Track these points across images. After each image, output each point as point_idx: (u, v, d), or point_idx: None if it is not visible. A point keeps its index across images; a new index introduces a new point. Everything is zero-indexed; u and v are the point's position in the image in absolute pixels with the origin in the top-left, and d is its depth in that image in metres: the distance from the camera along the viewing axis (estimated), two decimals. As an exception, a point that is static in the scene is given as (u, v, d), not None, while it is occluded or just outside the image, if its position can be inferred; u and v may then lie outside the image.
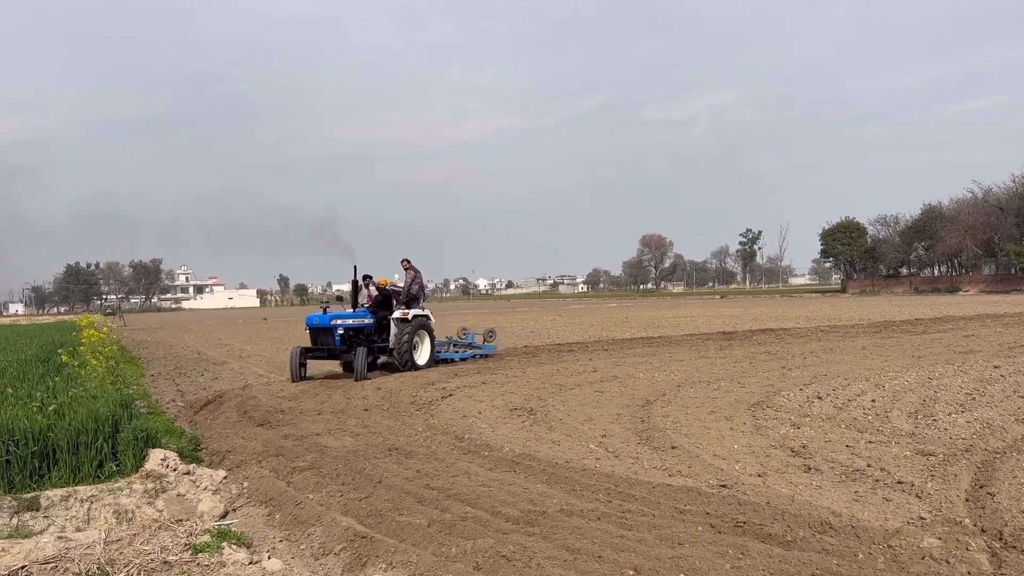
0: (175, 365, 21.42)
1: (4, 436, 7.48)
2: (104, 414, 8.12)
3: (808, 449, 8.13)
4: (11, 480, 7.40)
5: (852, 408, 10.47)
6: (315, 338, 16.95)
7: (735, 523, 5.65)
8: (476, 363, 18.26)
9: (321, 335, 16.83)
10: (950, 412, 9.88)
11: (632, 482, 7.01)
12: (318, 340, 16.87)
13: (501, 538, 5.35)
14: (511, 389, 13.59)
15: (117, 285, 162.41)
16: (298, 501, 6.74)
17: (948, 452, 7.70)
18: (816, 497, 6.39)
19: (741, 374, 14.61)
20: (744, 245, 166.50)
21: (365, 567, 5.17)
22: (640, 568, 4.73)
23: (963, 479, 6.75)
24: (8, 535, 6.15)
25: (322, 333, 16.80)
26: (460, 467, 7.84)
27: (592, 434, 9.40)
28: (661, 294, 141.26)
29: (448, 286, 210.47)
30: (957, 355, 16.79)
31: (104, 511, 6.82)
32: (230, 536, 5.87)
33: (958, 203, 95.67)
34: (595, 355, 19.52)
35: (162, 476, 7.49)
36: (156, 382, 17.15)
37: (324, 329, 16.75)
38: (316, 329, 16.92)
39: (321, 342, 16.82)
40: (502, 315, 52.27)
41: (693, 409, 10.83)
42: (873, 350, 18.63)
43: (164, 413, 11.71)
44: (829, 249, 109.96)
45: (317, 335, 16.92)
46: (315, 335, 16.97)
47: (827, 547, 5.11)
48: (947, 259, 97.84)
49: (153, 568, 5.13)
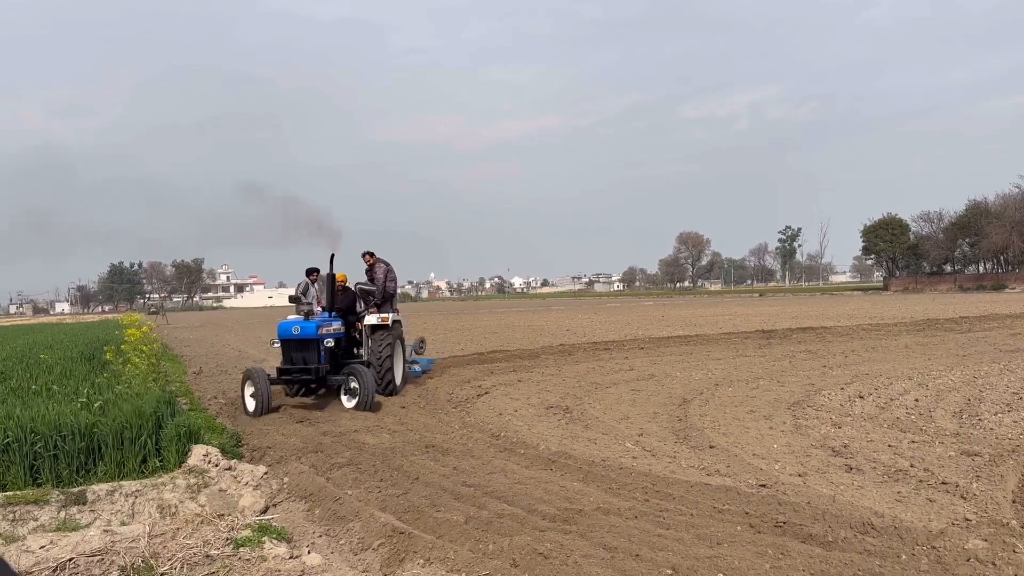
0: (216, 363, 21.74)
1: (52, 432, 7.67)
2: (148, 410, 8.29)
3: (849, 449, 8.01)
4: (59, 474, 7.60)
5: (894, 407, 10.29)
6: (290, 354, 12.30)
7: (775, 523, 5.59)
8: (512, 362, 18.23)
9: (301, 350, 12.22)
10: (996, 412, 9.67)
11: (670, 481, 6.96)
12: (295, 357, 12.25)
13: (538, 536, 5.35)
14: (547, 387, 13.58)
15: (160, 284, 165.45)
16: (337, 497, 6.80)
17: (994, 452, 7.54)
18: (858, 497, 6.30)
19: (780, 373, 14.44)
20: (783, 242, 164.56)
21: (403, 562, 5.21)
22: (678, 567, 4.70)
23: (1010, 480, 6.61)
24: (56, 528, 6.31)
25: (303, 347, 12.21)
26: (496, 464, 7.85)
27: (629, 433, 9.36)
28: (698, 292, 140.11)
29: (484, 284, 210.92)
30: (1003, 354, 16.42)
31: (148, 505, 6.96)
32: (270, 531, 5.96)
33: (1004, 199, 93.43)
34: (631, 354, 19.42)
35: (204, 471, 7.62)
36: (198, 379, 17.42)
37: (306, 342, 12.18)
38: (296, 342, 12.20)
39: (302, 359, 12.21)
40: (537, 313, 52.24)
41: (731, 408, 10.73)
42: (916, 349, 18.29)
43: (206, 410, 11.89)
44: (871, 246, 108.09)
45: (295, 350, 12.26)
46: (292, 350, 12.28)
47: (869, 548, 5.03)
48: (993, 256, 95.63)
49: (196, 562, 5.22)
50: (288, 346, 12.27)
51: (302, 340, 12.17)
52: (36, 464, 7.60)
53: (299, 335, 12.14)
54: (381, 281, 13.81)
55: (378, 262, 13.97)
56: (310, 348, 12.17)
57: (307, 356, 12.19)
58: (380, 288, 13.78)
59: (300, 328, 12.17)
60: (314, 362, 12.14)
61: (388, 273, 13.95)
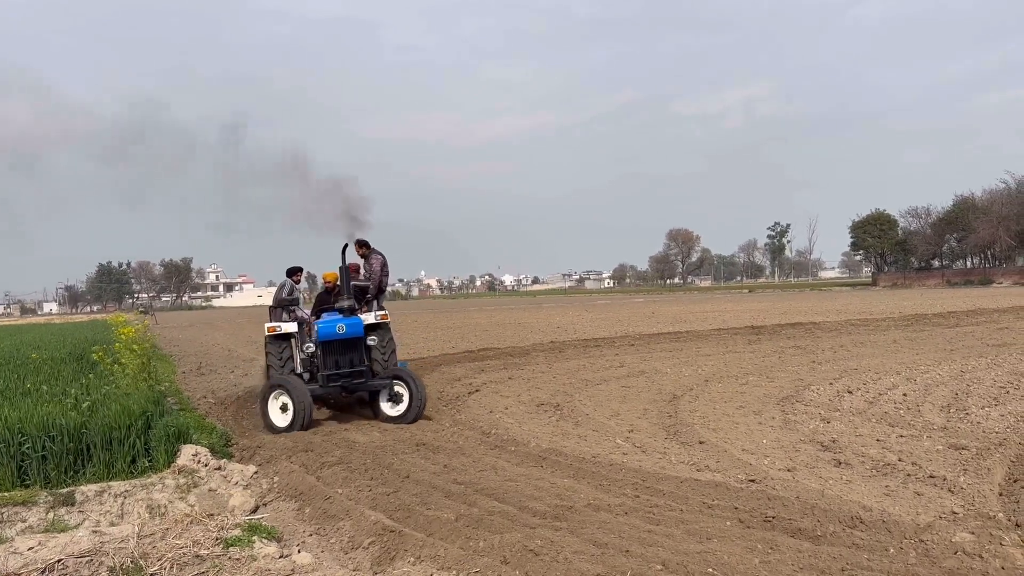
0: (206, 362, 21.68)
1: (40, 432, 7.64)
2: (136, 410, 8.26)
3: (838, 443, 8.05)
4: (47, 475, 7.57)
5: (883, 402, 10.35)
6: (334, 357, 10.87)
7: (764, 518, 5.62)
8: (502, 360, 18.24)
9: (348, 351, 10.97)
10: (983, 406, 9.74)
11: (660, 477, 6.99)
12: (342, 360, 10.90)
13: (529, 532, 5.36)
14: (537, 385, 13.59)
15: (148, 284, 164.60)
16: (327, 496, 6.79)
17: (981, 446, 7.59)
18: (846, 492, 6.34)
19: (770, 369, 14.49)
20: (773, 239, 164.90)
21: (394, 561, 5.21)
22: (668, 563, 4.71)
23: (996, 473, 6.66)
24: (45, 529, 6.28)
25: (350, 348, 10.98)
26: (487, 462, 7.86)
27: (619, 429, 9.38)
28: (688, 289, 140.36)
29: (474, 282, 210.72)
30: (990, 348, 16.53)
31: (137, 506, 6.94)
32: (261, 530, 5.94)
33: (991, 194, 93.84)
34: (621, 350, 19.46)
35: (194, 471, 7.60)
36: (187, 379, 17.37)
37: (354, 342, 11.01)
38: (341, 342, 10.87)
39: (349, 361, 10.94)
40: (528, 311, 52.27)
41: (721, 404, 10.76)
42: (904, 344, 18.39)
43: (195, 409, 11.86)
44: (859, 242, 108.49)
45: (341, 351, 10.91)
46: (338, 351, 10.90)
47: (858, 542, 5.06)
48: (980, 251, 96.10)
49: (185, 562, 5.20)
50: (331, 348, 10.84)
51: (349, 340, 10.91)
52: (24, 465, 7.58)
53: (345, 334, 10.78)
54: (377, 274, 12.56)
55: (373, 253, 12.58)
56: (357, 348, 11.06)
57: (354, 357, 11.02)
58: (376, 280, 12.54)
59: (346, 326, 10.77)
60: (360, 364, 11.05)
61: (384, 266, 12.71)
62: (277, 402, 10.32)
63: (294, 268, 13.27)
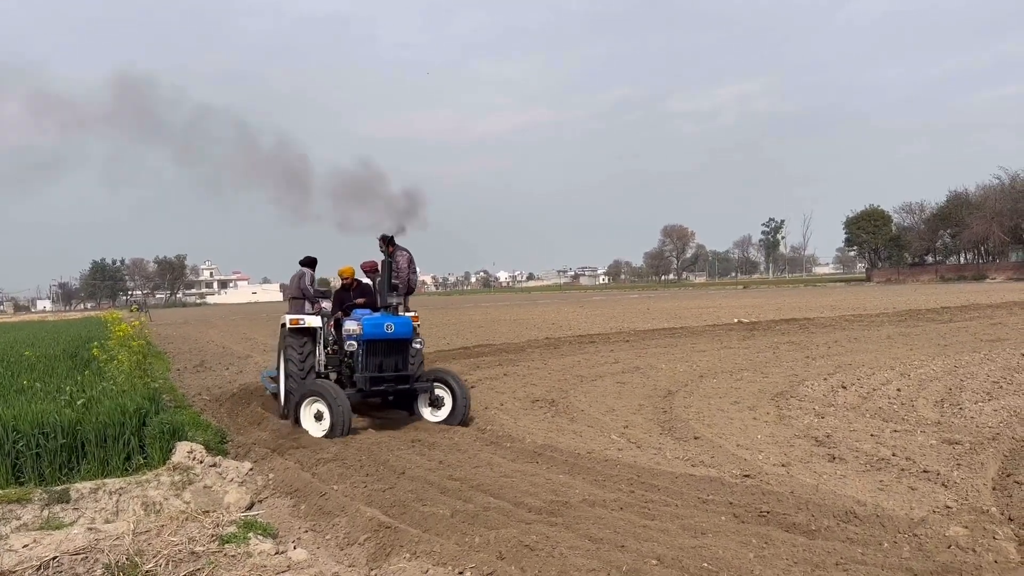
0: (200, 359, 21.63)
1: (34, 430, 7.63)
2: (131, 408, 8.25)
3: (832, 439, 8.08)
4: (41, 473, 7.56)
5: (877, 397, 10.38)
6: (379, 359, 9.84)
7: (759, 513, 5.63)
8: (498, 356, 18.22)
9: (395, 353, 9.98)
10: (977, 400, 9.78)
11: (655, 472, 7.00)
12: (386, 363, 9.90)
13: (524, 528, 5.36)
14: (532, 381, 13.61)
15: (142, 281, 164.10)
16: (323, 492, 6.80)
17: (975, 441, 7.62)
18: (840, 486, 6.36)
19: (764, 364, 14.53)
20: (767, 235, 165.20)
21: (389, 557, 5.21)
22: (663, 558, 4.73)
23: (990, 468, 6.69)
24: (39, 527, 6.27)
25: (397, 349, 10.00)
26: (482, 458, 7.87)
27: (614, 425, 9.40)
28: (683, 285, 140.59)
29: (469, 279, 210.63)
30: (984, 343, 16.59)
31: (132, 503, 6.93)
32: (256, 527, 5.94)
33: (985, 189, 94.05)
34: (616, 346, 19.48)
35: (189, 468, 7.59)
36: (182, 376, 17.34)
37: (402, 343, 10.02)
38: (387, 343, 9.85)
39: (394, 364, 9.95)
40: (523, 307, 52.27)
41: (716, 399, 10.79)
42: (898, 339, 18.44)
43: (190, 406, 11.83)
44: (853, 238, 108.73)
45: (386, 353, 9.90)
46: (383, 353, 9.87)
47: (852, 536, 5.08)
48: (973, 247, 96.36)
49: (181, 559, 5.20)
50: (375, 348, 9.77)
51: (396, 341, 9.91)
52: (19, 463, 7.57)
53: (394, 334, 9.80)
54: (405, 271, 11.54)
55: (399, 250, 11.52)
56: (403, 350, 10.04)
57: (399, 360, 9.99)
58: (404, 280, 11.50)
59: (395, 325, 9.80)
60: (405, 367, 10.06)
61: (411, 263, 11.81)
62: (311, 409, 9.43)
63: (311, 259, 12.32)
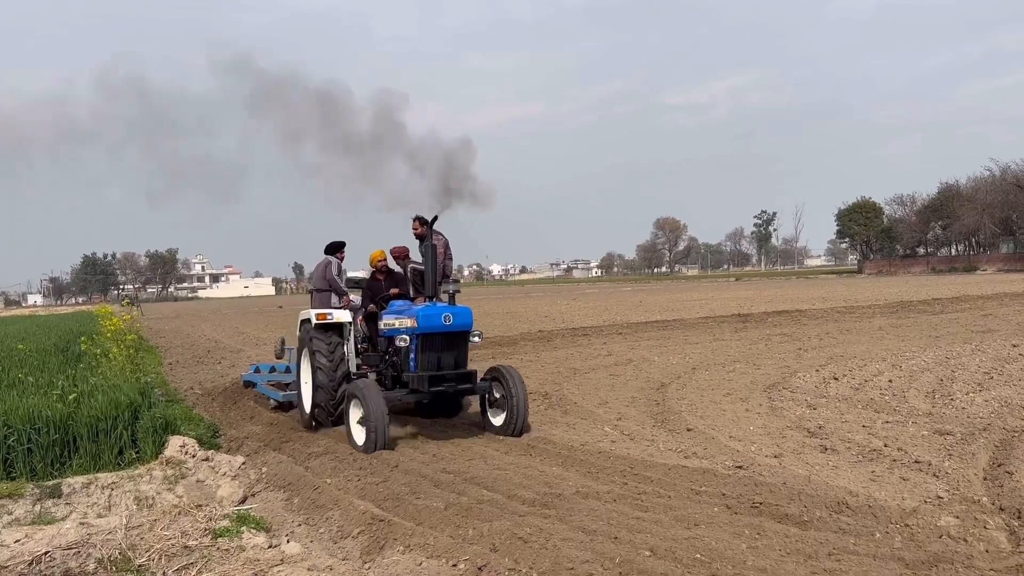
0: (192, 353, 21.58)
1: (26, 425, 7.59)
2: (123, 402, 8.21)
3: (824, 430, 8.11)
4: (33, 468, 7.52)
5: (869, 388, 10.42)
6: (435, 354, 8.60)
7: (751, 504, 5.65)
8: (491, 349, 18.21)
9: (453, 348, 8.77)
10: (968, 391, 9.82)
11: (648, 464, 7.01)
12: (444, 359, 8.69)
13: (518, 520, 5.37)
14: (526, 373, 13.56)
15: (134, 275, 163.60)
16: (316, 486, 6.79)
17: (966, 431, 7.66)
18: (833, 477, 6.38)
19: (756, 356, 14.56)
20: (759, 227, 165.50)
21: (383, 550, 5.21)
22: (656, 549, 4.74)
23: (981, 458, 6.72)
24: (31, 521, 6.25)
25: (455, 344, 8.78)
26: (476, 451, 7.87)
27: (607, 417, 9.41)
28: (675, 277, 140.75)
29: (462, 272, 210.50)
30: (975, 334, 16.66)
31: (125, 497, 6.91)
32: (249, 521, 5.93)
33: (975, 181, 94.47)
34: (609, 339, 19.50)
35: (181, 462, 7.57)
36: (174, 370, 17.29)
37: (461, 337, 8.80)
38: (445, 337, 8.62)
39: (453, 361, 8.75)
40: (516, 300, 52.26)
41: (708, 391, 10.81)
42: (890, 330, 18.51)
43: (183, 401, 11.81)
44: (845, 230, 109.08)
45: (443, 348, 8.66)
46: (439, 348, 8.63)
47: (844, 527, 5.10)
48: (964, 238, 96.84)
49: (174, 553, 5.19)
50: (432, 343, 8.54)
51: (454, 334, 8.65)
52: (10, 458, 7.52)
53: (452, 326, 8.52)
54: (441, 257, 9.97)
55: (436, 233, 9.84)
56: (461, 345, 8.81)
57: (459, 356, 8.79)
58: (442, 265, 10.00)
59: (453, 316, 8.50)
60: (464, 364, 8.86)
61: (447, 247, 10.32)
62: (357, 413, 8.23)
63: (337, 244, 10.89)
